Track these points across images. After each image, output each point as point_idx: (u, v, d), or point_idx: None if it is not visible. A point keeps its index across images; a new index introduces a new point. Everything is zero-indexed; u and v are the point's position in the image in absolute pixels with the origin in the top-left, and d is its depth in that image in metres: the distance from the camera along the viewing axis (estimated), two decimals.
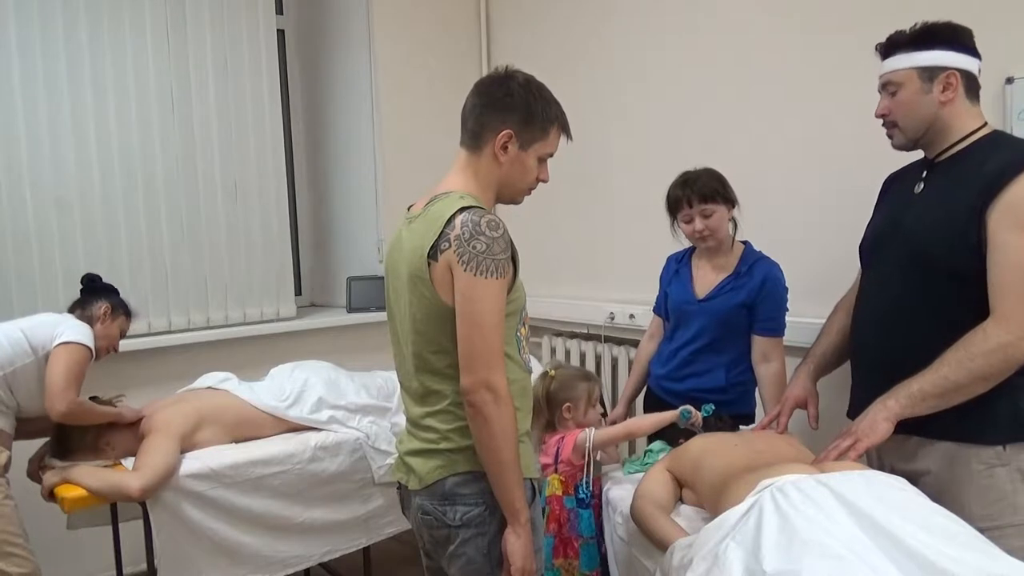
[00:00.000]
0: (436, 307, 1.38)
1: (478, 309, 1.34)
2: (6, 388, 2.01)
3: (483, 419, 1.34)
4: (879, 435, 1.47)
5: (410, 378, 1.49)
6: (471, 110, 1.47)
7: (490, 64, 3.69)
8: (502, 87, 1.45)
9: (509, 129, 1.44)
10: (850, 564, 1.14)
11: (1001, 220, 1.42)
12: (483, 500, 1.42)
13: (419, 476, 1.47)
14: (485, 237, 1.35)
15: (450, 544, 1.45)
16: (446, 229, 1.36)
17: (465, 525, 1.43)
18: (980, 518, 1.42)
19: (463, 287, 1.34)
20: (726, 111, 2.66)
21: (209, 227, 3.03)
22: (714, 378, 2.15)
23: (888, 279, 1.63)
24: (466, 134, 1.48)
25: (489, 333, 1.34)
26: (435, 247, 1.36)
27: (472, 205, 1.39)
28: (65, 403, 1.96)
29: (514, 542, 1.40)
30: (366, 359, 3.25)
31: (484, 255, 1.34)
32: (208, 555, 2.09)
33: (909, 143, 1.61)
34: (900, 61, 1.55)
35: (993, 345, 1.40)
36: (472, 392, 1.34)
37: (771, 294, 2.11)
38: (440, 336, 1.39)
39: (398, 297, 1.49)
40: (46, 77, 2.64)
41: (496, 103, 1.44)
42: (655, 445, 2.12)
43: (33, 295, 2.65)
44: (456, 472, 1.43)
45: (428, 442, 1.46)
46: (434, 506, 1.45)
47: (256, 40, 3.12)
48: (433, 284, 1.37)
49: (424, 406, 1.47)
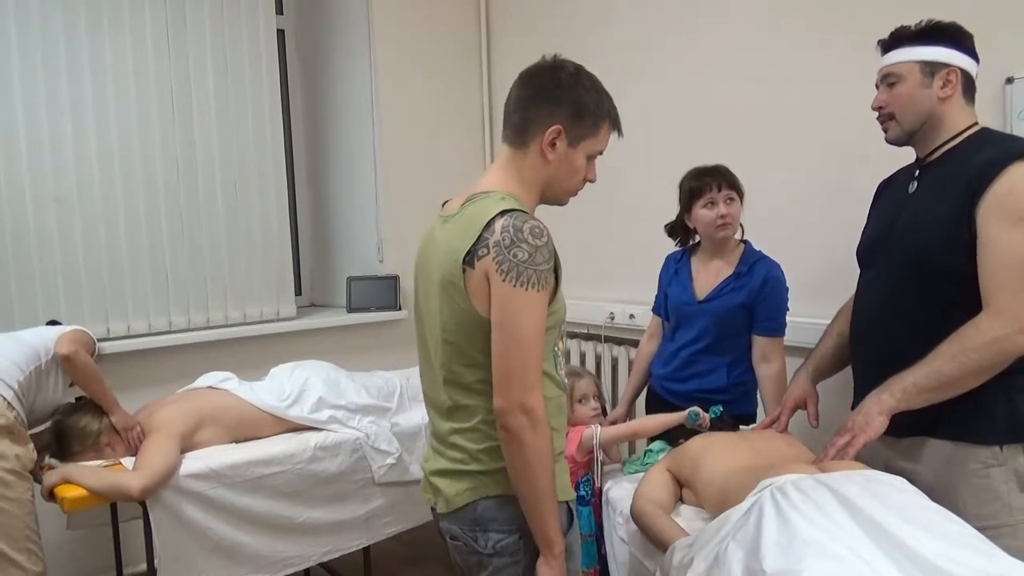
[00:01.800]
0: (469, 317, 1.27)
1: (517, 323, 1.22)
2: (33, 383, 2.03)
3: (518, 445, 1.23)
4: (875, 430, 1.46)
5: (437, 390, 1.39)
6: (516, 102, 1.35)
7: (490, 64, 3.69)
8: (551, 78, 1.33)
9: (558, 124, 1.31)
10: (850, 564, 1.14)
11: (989, 215, 1.42)
12: (517, 527, 1.32)
13: (446, 499, 1.36)
14: (527, 245, 1.23)
15: (482, 571, 1.35)
16: (484, 233, 1.24)
17: (498, 554, 1.33)
18: (975, 518, 1.42)
19: (501, 299, 1.23)
20: (726, 111, 2.67)
21: (209, 227, 3.04)
22: (716, 378, 2.15)
23: (884, 278, 1.64)
24: (510, 129, 1.36)
25: (527, 350, 1.23)
26: (472, 252, 1.25)
27: (514, 208, 1.27)
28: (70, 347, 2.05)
29: (546, 573, 1.31)
30: (366, 359, 3.25)
31: (526, 265, 1.22)
32: (208, 555, 2.09)
33: (903, 136, 1.61)
34: (903, 54, 1.56)
35: (987, 339, 1.40)
36: (507, 415, 1.23)
37: (772, 294, 2.11)
38: (472, 349, 1.29)
39: (428, 301, 1.39)
40: (46, 77, 2.64)
41: (544, 95, 1.32)
42: (655, 445, 2.12)
43: (33, 295, 2.65)
44: (487, 495, 1.33)
45: (456, 462, 1.35)
46: (464, 531, 1.35)
47: (256, 40, 3.13)
48: (467, 292, 1.26)
49: (451, 421, 1.36)
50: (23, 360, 2.01)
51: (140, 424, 2.16)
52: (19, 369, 1.99)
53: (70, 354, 2.06)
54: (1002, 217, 1.41)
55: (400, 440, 2.47)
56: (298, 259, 3.76)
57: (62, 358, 2.06)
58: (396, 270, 3.46)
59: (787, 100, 2.48)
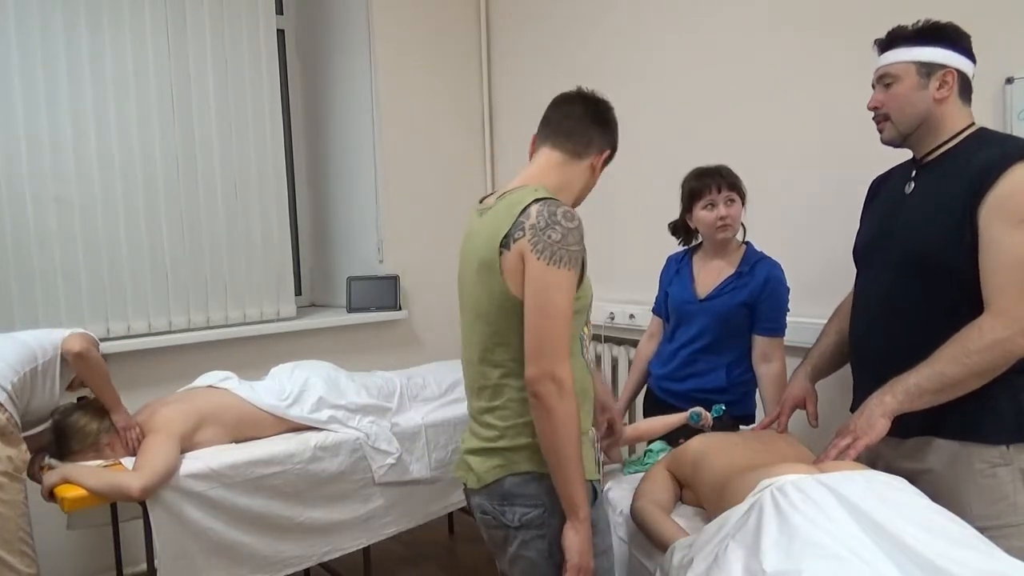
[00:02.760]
0: (504, 297, 1.37)
1: (549, 298, 1.32)
2: (28, 385, 2.03)
3: (546, 410, 1.32)
4: (877, 432, 1.46)
5: (472, 371, 1.49)
6: (579, 118, 1.50)
7: (490, 64, 3.69)
8: (607, 109, 1.54)
9: (610, 149, 1.54)
10: (850, 564, 1.14)
11: (991, 216, 1.42)
12: (542, 501, 1.40)
13: (477, 475, 1.45)
14: (560, 227, 1.34)
15: (508, 546, 1.43)
16: (520, 218, 1.35)
17: (525, 526, 1.41)
18: (981, 517, 1.42)
19: (535, 276, 1.33)
20: (726, 111, 2.67)
21: (209, 227, 3.04)
22: (715, 378, 2.15)
23: (882, 279, 1.63)
24: (566, 139, 1.49)
25: (558, 324, 1.32)
26: (508, 236, 1.36)
27: (548, 196, 1.39)
28: (83, 343, 2.07)
29: (572, 537, 1.37)
30: (366, 359, 3.26)
31: (559, 245, 1.33)
32: (208, 555, 2.09)
33: (899, 137, 1.60)
34: (900, 54, 1.55)
35: (989, 341, 1.40)
36: (537, 382, 1.32)
37: (773, 294, 2.11)
38: (505, 328, 1.38)
39: (467, 288, 1.48)
40: (46, 77, 2.64)
41: (604, 122, 1.52)
42: (655, 445, 2.12)
43: (33, 295, 2.65)
44: (515, 472, 1.41)
45: (486, 440, 1.45)
46: (493, 506, 1.44)
47: (256, 40, 3.13)
48: (503, 274, 1.36)
49: (483, 400, 1.46)
50: (18, 361, 2.01)
51: (140, 425, 2.17)
52: (13, 370, 1.99)
53: (83, 351, 2.07)
54: (1004, 219, 1.41)
55: (400, 440, 2.47)
56: (298, 259, 3.77)
57: (74, 355, 2.06)
58: (396, 270, 3.46)
59: (787, 99, 2.48)
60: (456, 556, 3.16)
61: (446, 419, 2.61)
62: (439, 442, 2.57)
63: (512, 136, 3.64)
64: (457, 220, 3.52)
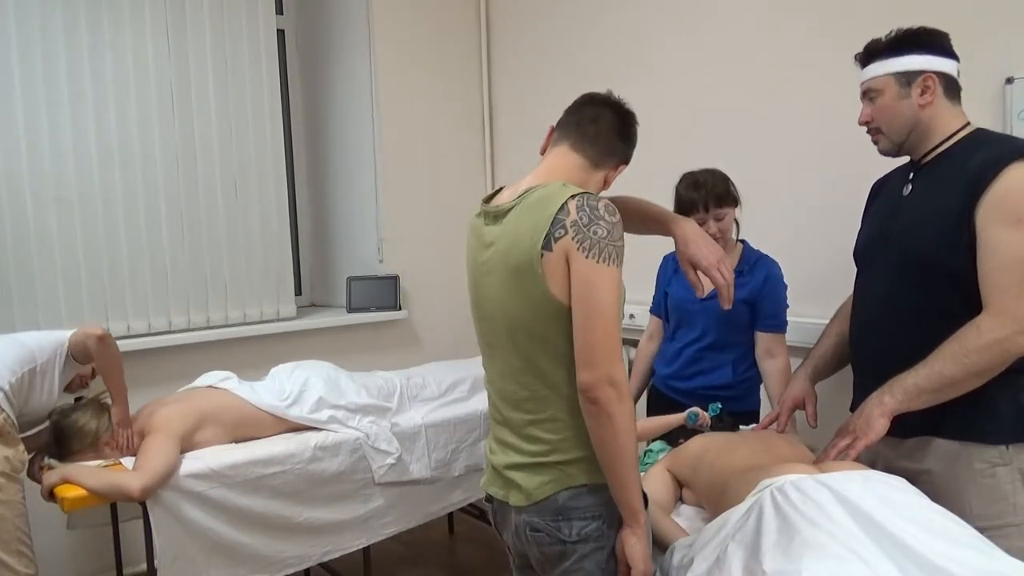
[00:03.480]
0: (546, 303, 1.29)
1: (600, 298, 1.25)
2: (26, 385, 2.03)
3: (607, 417, 1.25)
4: (876, 432, 1.47)
5: (507, 381, 1.39)
6: (609, 125, 1.43)
7: (490, 64, 3.69)
8: (634, 123, 1.48)
9: (624, 163, 1.48)
10: (850, 564, 1.14)
11: (989, 216, 1.42)
12: (600, 513, 1.34)
13: (526, 492, 1.37)
14: (605, 222, 1.27)
15: (565, 560, 1.36)
16: (559, 215, 1.27)
17: (583, 540, 1.34)
18: (980, 517, 1.42)
19: (584, 274, 1.25)
20: (726, 111, 2.67)
21: (209, 227, 3.04)
22: (722, 375, 2.17)
23: (881, 280, 1.64)
24: (590, 144, 1.42)
25: (611, 324, 1.25)
26: (549, 236, 1.27)
27: (583, 192, 1.31)
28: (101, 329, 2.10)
29: (634, 544, 1.31)
30: (366, 359, 3.26)
31: (606, 241, 1.26)
32: (208, 555, 2.09)
33: (894, 148, 1.62)
34: (877, 68, 1.58)
35: (988, 340, 1.40)
36: (595, 388, 1.24)
37: (773, 291, 2.14)
38: (550, 335, 1.31)
39: (490, 296, 1.39)
40: (46, 77, 2.64)
41: (628, 136, 1.46)
42: (655, 445, 2.12)
43: (33, 295, 2.65)
44: (570, 486, 1.34)
45: (534, 455, 1.36)
46: (546, 522, 1.35)
47: (256, 40, 3.13)
48: (544, 276, 1.28)
49: (525, 413, 1.37)
50: (15, 362, 2.01)
51: (139, 424, 2.17)
52: (10, 371, 1.99)
53: (105, 334, 2.10)
54: (1002, 218, 1.41)
55: (400, 440, 2.47)
56: (298, 259, 3.77)
57: (97, 338, 2.08)
58: (396, 270, 3.46)
59: (787, 100, 2.48)
60: (456, 556, 3.16)
61: (446, 419, 2.61)
62: (439, 442, 2.57)
63: (512, 136, 3.64)
64: (457, 220, 3.53)
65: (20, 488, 1.94)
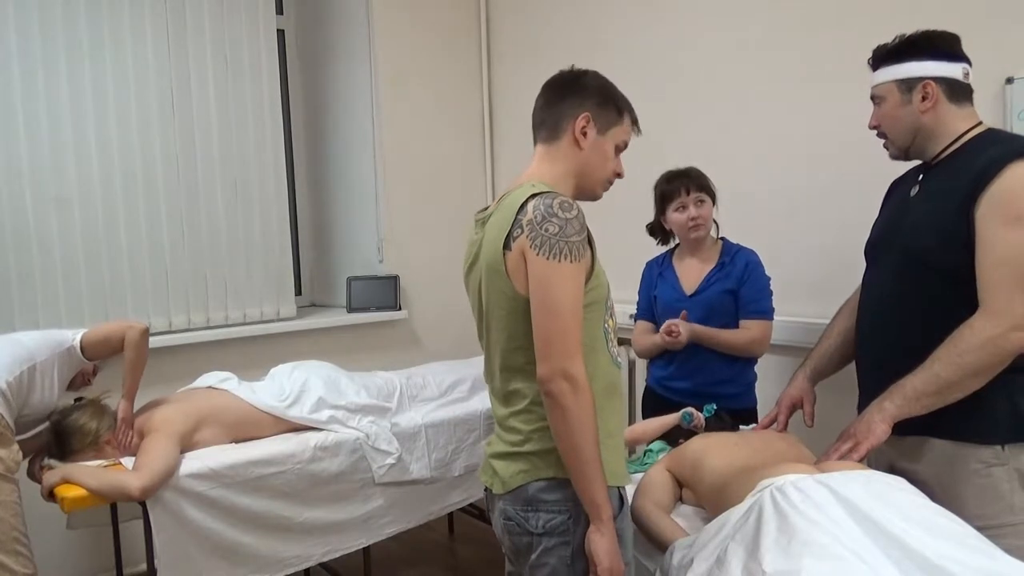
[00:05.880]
0: (513, 300, 1.33)
1: (553, 295, 1.27)
2: (25, 385, 2.03)
3: (560, 409, 1.27)
4: (877, 436, 1.47)
5: (494, 377, 1.45)
6: (544, 106, 1.45)
7: (490, 64, 3.69)
8: (574, 78, 1.46)
9: (587, 112, 1.41)
10: (850, 564, 1.14)
11: (987, 215, 1.42)
12: (567, 508, 1.35)
13: (502, 480, 1.41)
14: (557, 219, 1.29)
15: (531, 552, 1.38)
16: (518, 216, 1.31)
17: (548, 533, 1.36)
18: (977, 517, 1.42)
19: (537, 272, 1.28)
20: (725, 111, 2.67)
21: (209, 227, 3.04)
22: (717, 371, 2.18)
23: (886, 278, 1.64)
24: (542, 130, 1.45)
25: (565, 320, 1.27)
26: (509, 235, 1.32)
27: (544, 191, 1.34)
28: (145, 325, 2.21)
29: (598, 540, 1.31)
30: (366, 359, 3.25)
31: (557, 237, 1.28)
32: (208, 555, 2.09)
33: (900, 152, 1.63)
34: (882, 75, 1.59)
35: (982, 339, 1.40)
36: (549, 381, 1.27)
37: (752, 276, 2.18)
38: (518, 331, 1.34)
39: (479, 296, 1.44)
40: (46, 77, 2.64)
41: (570, 91, 1.43)
42: (655, 445, 2.12)
43: (33, 295, 2.65)
44: (540, 477, 1.36)
45: (511, 444, 1.41)
46: (516, 511, 1.39)
47: (256, 40, 3.13)
48: (508, 275, 1.32)
49: (507, 406, 1.42)
50: (13, 361, 2.01)
51: (138, 424, 2.17)
52: (8, 371, 1.98)
53: (147, 328, 2.20)
54: (998, 216, 1.41)
55: (400, 440, 2.47)
56: (298, 259, 3.76)
57: (141, 331, 2.18)
58: (396, 270, 3.46)
59: (783, 100, 2.48)
60: (456, 556, 3.16)
61: (446, 419, 2.61)
62: (439, 442, 2.57)
63: (512, 136, 3.64)
64: (457, 220, 3.52)
65: (15, 488, 1.93)
